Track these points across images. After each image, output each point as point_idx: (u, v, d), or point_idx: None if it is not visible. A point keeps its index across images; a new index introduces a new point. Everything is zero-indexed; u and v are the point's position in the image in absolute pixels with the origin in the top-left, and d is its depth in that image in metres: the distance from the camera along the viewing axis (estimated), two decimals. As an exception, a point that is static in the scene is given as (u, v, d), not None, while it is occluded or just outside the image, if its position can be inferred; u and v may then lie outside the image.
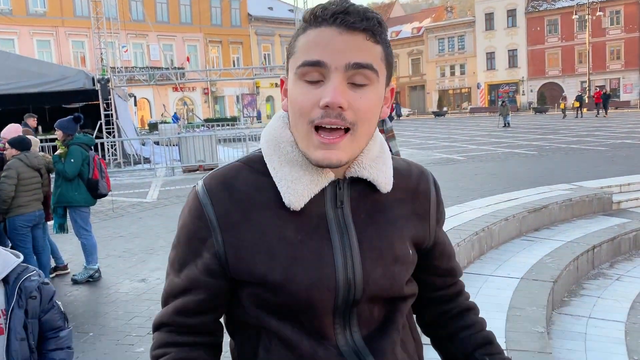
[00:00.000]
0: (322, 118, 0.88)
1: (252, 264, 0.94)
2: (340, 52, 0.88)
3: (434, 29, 59.12)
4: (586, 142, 17.26)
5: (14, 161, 5.07)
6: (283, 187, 0.95)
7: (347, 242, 0.96)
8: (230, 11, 46.65)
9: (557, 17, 51.71)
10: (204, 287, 0.98)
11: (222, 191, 0.97)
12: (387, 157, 1.04)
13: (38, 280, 2.07)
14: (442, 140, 21.88)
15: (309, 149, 0.91)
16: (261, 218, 0.95)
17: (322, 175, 0.96)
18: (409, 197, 1.06)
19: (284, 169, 0.96)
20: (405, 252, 1.02)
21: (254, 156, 1.02)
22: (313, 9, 0.91)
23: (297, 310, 0.95)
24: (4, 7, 36.44)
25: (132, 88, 26.06)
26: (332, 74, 0.88)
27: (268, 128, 1.03)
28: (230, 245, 0.95)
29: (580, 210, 7.23)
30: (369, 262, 0.96)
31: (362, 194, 1.00)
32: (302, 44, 0.91)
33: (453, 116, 50.02)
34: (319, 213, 0.96)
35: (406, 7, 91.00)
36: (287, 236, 0.94)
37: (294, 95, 0.92)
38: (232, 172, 0.99)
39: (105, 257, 6.33)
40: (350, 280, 0.95)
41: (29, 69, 15.61)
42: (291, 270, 0.93)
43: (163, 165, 15.64)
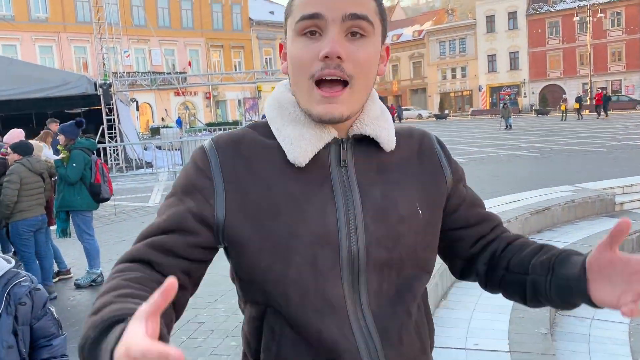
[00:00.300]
0: (322, 70, 0.90)
1: (256, 219, 0.93)
2: (336, 4, 0.90)
3: (435, 32, 59.18)
4: (588, 144, 17.23)
5: (17, 166, 5.08)
6: (287, 144, 0.96)
7: (350, 201, 0.96)
8: (231, 16, 46.78)
9: (558, 19, 51.74)
10: (188, 231, 0.92)
11: (229, 147, 0.98)
12: (388, 117, 1.05)
13: (29, 286, 1.99)
14: (444, 142, 21.84)
15: (311, 105, 0.93)
16: (266, 174, 0.96)
17: (325, 131, 0.96)
18: (413, 157, 1.06)
19: (287, 128, 0.98)
20: (412, 212, 1.00)
21: (259, 122, 1.04)
22: None
23: (303, 276, 0.92)
24: (6, 13, 36.59)
25: (134, 93, 26.12)
26: (329, 26, 0.90)
27: (272, 95, 1.05)
28: (234, 198, 0.94)
29: (583, 211, 7.21)
30: (371, 221, 0.96)
31: (366, 153, 1.01)
32: (298, 2, 0.94)
33: (454, 119, 50.00)
34: (324, 172, 0.97)
35: (407, 10, 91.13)
36: (291, 192, 0.94)
37: (294, 51, 0.94)
38: (239, 133, 1.01)
39: (108, 262, 6.32)
40: (352, 239, 0.94)
41: (32, 75, 15.67)
42: (295, 226, 0.93)
43: (165, 169, 15.67)
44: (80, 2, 38.33)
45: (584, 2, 48.34)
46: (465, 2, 73.92)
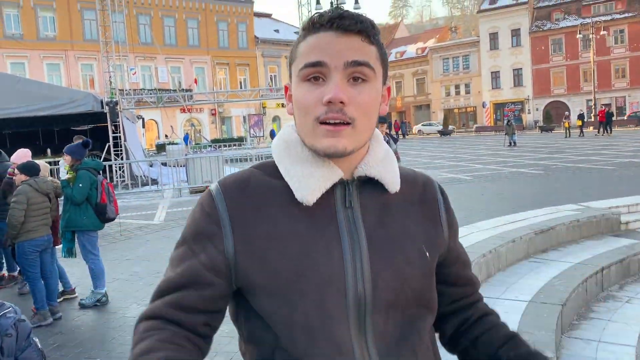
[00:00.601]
0: (326, 114, 0.94)
1: (264, 260, 0.95)
2: (339, 52, 0.94)
3: (438, 49, 59.52)
4: (593, 161, 17.21)
5: (24, 186, 5.12)
6: (295, 183, 0.98)
7: (356, 242, 0.97)
8: (237, 34, 47.26)
9: (561, 36, 51.98)
10: (204, 284, 0.96)
11: (236, 190, 1.00)
12: (392, 160, 1.08)
13: (14, 317, 1.97)
14: (449, 159, 21.88)
15: (316, 140, 0.96)
16: (273, 216, 0.98)
17: (333, 172, 0.99)
18: (416, 202, 1.08)
19: (295, 167, 1.00)
20: (418, 255, 1.02)
21: (266, 162, 1.07)
22: (311, 17, 0.99)
23: (310, 318, 0.94)
24: (15, 31, 37.10)
25: (140, 110, 26.31)
26: (332, 73, 0.94)
27: (278, 135, 1.09)
28: (242, 242, 0.96)
29: (588, 231, 7.18)
30: (378, 263, 0.97)
31: (371, 195, 1.03)
32: (303, 49, 0.98)
33: (459, 135, 50.06)
34: (330, 213, 0.99)
35: (410, 27, 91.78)
36: (298, 233, 0.96)
37: (299, 95, 0.98)
38: (246, 174, 1.03)
39: (113, 281, 6.34)
40: (358, 281, 0.96)
41: (39, 92, 15.83)
42: (302, 265, 0.94)
43: (170, 186, 15.72)
44: (87, 21, 38.84)
45: (587, 19, 48.60)
46: (468, 20, 74.13)
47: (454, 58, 58.53)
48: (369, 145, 1.05)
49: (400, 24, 75.80)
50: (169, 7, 43.45)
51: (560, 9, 53.10)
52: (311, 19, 0.99)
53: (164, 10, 43.23)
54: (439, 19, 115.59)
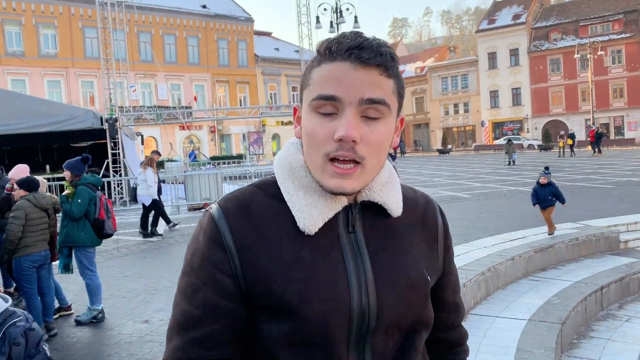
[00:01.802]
0: (337, 151, 0.91)
1: (268, 285, 0.93)
2: (354, 87, 0.90)
3: (437, 69, 59.96)
4: (592, 180, 17.23)
5: (22, 202, 5.11)
6: (297, 211, 0.96)
7: (361, 267, 0.96)
8: (237, 52, 47.60)
9: (559, 56, 52.42)
10: (223, 314, 0.95)
11: (238, 213, 0.97)
12: (396, 183, 1.06)
13: (24, 325, 2.00)
14: (447, 177, 21.90)
15: (324, 178, 0.94)
16: (276, 240, 0.95)
17: (336, 200, 0.97)
18: (418, 224, 1.07)
19: (298, 193, 0.98)
20: (421, 278, 1.02)
21: (267, 180, 1.04)
22: (328, 43, 0.94)
23: (312, 340, 0.93)
24: (17, 48, 37.35)
25: (140, 127, 26.38)
26: (346, 108, 0.91)
27: (281, 154, 1.05)
28: (248, 267, 0.94)
29: (587, 249, 7.18)
30: (383, 288, 0.97)
31: (374, 219, 1.02)
32: (316, 77, 0.94)
33: (458, 154, 50.19)
34: (333, 237, 0.97)
35: (410, 47, 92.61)
36: (302, 258, 0.94)
37: (309, 126, 0.95)
38: (247, 195, 1.00)
39: (109, 298, 6.30)
40: (364, 306, 0.95)
41: (39, 109, 15.89)
42: (306, 292, 0.93)
43: (168, 203, 15.68)
44: (89, 39, 39.11)
45: (585, 39, 49.06)
46: (467, 39, 74.78)
47: (452, 77, 58.93)
48: None
49: (400, 44, 76.47)
50: (170, 25, 43.82)
51: (557, 29, 53.64)
52: (328, 45, 0.94)
53: (165, 28, 43.59)
54: (438, 38, 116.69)
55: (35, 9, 37.88)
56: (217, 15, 46.38)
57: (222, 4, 48.25)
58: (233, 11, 48.20)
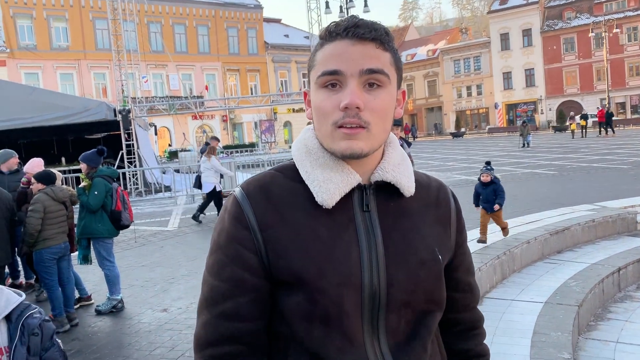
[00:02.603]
0: (344, 118, 0.98)
1: (289, 261, 0.99)
2: (354, 61, 0.98)
3: (449, 51, 59.34)
4: (608, 161, 17.03)
5: (40, 195, 5.19)
6: (316, 187, 1.03)
7: (373, 244, 1.02)
8: (247, 40, 47.49)
9: (573, 35, 51.57)
10: (251, 288, 1.01)
11: (260, 194, 1.04)
12: (408, 165, 1.13)
13: (40, 317, 2.08)
14: (461, 161, 21.77)
15: (334, 143, 1.01)
16: (295, 218, 1.02)
17: (351, 176, 1.03)
18: (431, 205, 1.13)
19: (315, 171, 1.04)
20: (431, 257, 1.07)
21: (286, 165, 1.11)
22: (327, 27, 1.03)
23: (328, 314, 0.98)
24: (29, 42, 37.64)
25: (153, 117, 26.53)
26: (348, 80, 0.98)
27: (298, 139, 1.13)
28: (269, 244, 1.01)
29: (603, 231, 7.12)
30: (393, 264, 1.02)
31: (388, 199, 1.07)
32: (320, 57, 1.02)
33: (471, 136, 49.80)
34: (348, 215, 1.03)
35: (421, 29, 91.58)
36: (319, 235, 1.01)
37: (317, 101, 1.02)
38: (268, 178, 1.07)
39: (128, 287, 6.39)
40: (374, 281, 1.00)
41: (53, 102, 16.02)
42: (323, 267, 0.98)
43: (183, 192, 15.81)
44: (99, 31, 39.29)
45: (599, 17, 48.18)
46: (478, 21, 73.75)
47: (465, 59, 58.31)
48: (384, 151, 1.09)
49: (410, 27, 75.65)
50: (179, 14, 43.82)
51: (571, 8, 52.70)
52: (327, 28, 1.02)
53: (175, 18, 43.60)
54: (449, 20, 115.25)
55: (45, 2, 38.09)
56: (226, 4, 46.24)
57: (230, -9, 48.06)
58: (242, -2, 48.00)
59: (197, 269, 6.91)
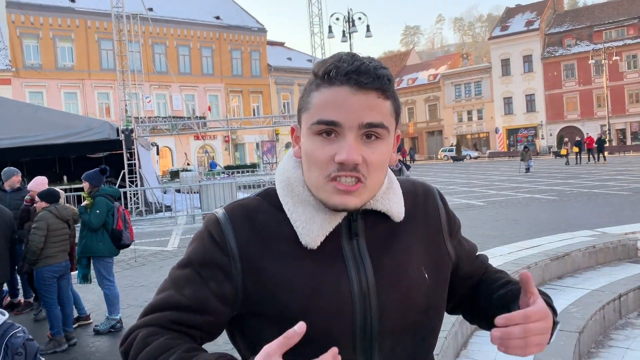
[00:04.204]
0: (338, 172, 0.93)
1: (272, 295, 0.96)
2: (354, 112, 0.92)
3: (450, 76, 59.85)
4: (608, 187, 17.05)
5: (44, 213, 5.21)
6: (299, 227, 0.98)
7: (362, 271, 0.98)
8: (250, 62, 47.97)
9: (573, 62, 52.05)
10: (210, 311, 0.97)
11: (243, 220, 1.00)
12: (396, 187, 1.08)
13: (23, 336, 2.06)
14: (462, 185, 21.80)
15: (325, 196, 0.95)
16: (280, 250, 0.98)
17: (335, 214, 0.99)
18: (420, 216, 1.09)
19: (297, 209, 1.00)
20: (419, 278, 1.03)
21: (271, 191, 1.06)
22: (326, 67, 0.94)
23: (317, 345, 0.90)
24: (35, 61, 38.03)
25: (155, 137, 26.67)
26: (346, 132, 0.92)
27: (281, 167, 1.07)
28: (250, 275, 0.97)
29: (604, 257, 7.10)
30: (384, 290, 0.98)
31: (376, 224, 1.03)
32: (316, 102, 0.95)
33: (472, 160, 49.91)
34: (335, 246, 0.99)
35: (422, 54, 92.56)
36: (305, 268, 0.97)
37: (309, 148, 0.96)
38: (253, 204, 1.03)
39: (127, 307, 6.37)
40: (367, 310, 0.97)
41: (57, 121, 16.14)
42: (310, 302, 0.95)
43: (184, 212, 15.82)
44: (104, 51, 39.73)
45: (599, 45, 48.69)
46: (479, 46, 74.37)
47: (465, 84, 58.77)
48: None
49: (412, 51, 76.47)
50: (184, 36, 44.34)
51: (571, 35, 53.30)
52: (326, 70, 0.94)
53: (179, 39, 44.11)
54: (450, 45, 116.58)
55: (52, 23, 38.60)
56: (230, 26, 46.83)
57: (235, 14, 48.72)
58: (246, 22, 48.63)
59: (196, 290, 6.88)
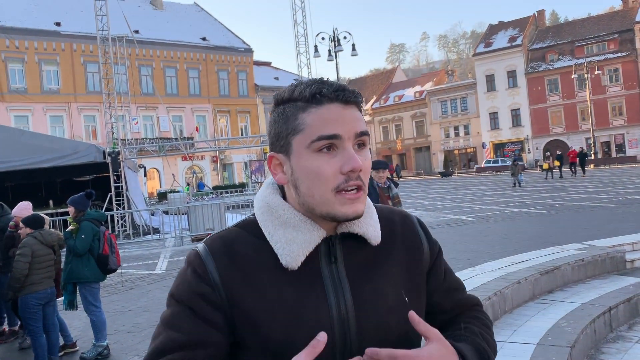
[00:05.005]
0: (347, 182, 0.98)
1: (253, 325, 0.98)
2: (349, 124, 1.00)
3: (436, 92, 60.46)
4: (595, 199, 17.20)
5: (29, 239, 5.14)
6: (279, 249, 1.01)
7: (342, 298, 1.01)
8: (237, 82, 48.13)
9: (556, 76, 52.87)
10: (209, 342, 0.98)
11: (223, 252, 1.02)
12: (372, 211, 1.12)
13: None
14: (450, 200, 21.88)
15: (334, 208, 0.99)
16: (260, 279, 1.00)
17: (315, 234, 1.02)
18: (398, 243, 1.12)
19: (278, 232, 1.03)
20: (399, 302, 1.06)
21: (249, 221, 1.09)
22: (311, 89, 1.01)
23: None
24: (20, 85, 37.85)
25: (142, 159, 26.54)
26: (345, 143, 0.99)
27: (259, 196, 1.10)
28: (233, 304, 0.99)
29: (593, 270, 7.13)
30: (363, 315, 1.01)
31: (354, 248, 1.06)
32: (311, 121, 0.99)
33: (460, 176, 50.22)
34: (314, 271, 1.02)
35: (408, 72, 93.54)
36: (285, 296, 0.99)
37: (312, 166, 0.99)
38: (232, 235, 1.06)
39: (114, 333, 6.26)
40: (346, 336, 1.00)
41: (42, 145, 16.03)
42: (291, 330, 0.97)
43: (172, 235, 15.69)
44: (90, 74, 39.64)
45: (581, 59, 49.54)
46: (464, 63, 75.31)
47: (451, 100, 59.38)
48: None
49: (398, 69, 77.21)
50: (170, 58, 44.43)
51: (554, 50, 54.21)
52: (312, 91, 1.00)
53: (166, 61, 44.19)
54: (436, 62, 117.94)
55: (37, 47, 38.51)
56: (216, 47, 47.04)
57: (221, 35, 48.99)
58: (232, 42, 48.89)
59: (185, 313, 6.80)
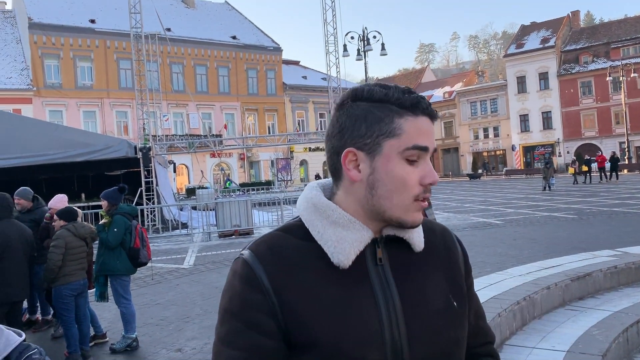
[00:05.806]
0: (424, 193, 1.03)
1: (304, 325, 0.98)
2: (433, 140, 1.05)
3: (465, 93, 59.76)
4: (629, 205, 16.78)
5: (62, 231, 5.26)
6: (330, 247, 1.01)
7: (390, 298, 1.02)
8: (266, 81, 48.43)
9: (590, 79, 51.70)
10: (269, 354, 0.98)
11: (270, 255, 1.02)
12: None
13: (39, 358, 2.09)
14: (479, 203, 21.61)
15: (408, 215, 1.03)
16: (307, 280, 1.00)
17: (364, 234, 1.03)
18: (440, 252, 1.14)
19: (327, 231, 1.03)
20: (447, 306, 1.07)
21: (291, 224, 1.09)
22: (410, 98, 1.02)
23: None
24: (55, 81, 38.80)
25: (172, 155, 26.92)
26: (427, 157, 1.04)
27: (305, 197, 1.10)
28: (284, 307, 0.99)
29: (627, 278, 6.95)
30: (412, 317, 1.02)
31: (399, 251, 1.08)
32: (408, 128, 1.01)
33: (488, 178, 49.56)
34: (362, 271, 1.02)
35: (437, 72, 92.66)
36: (334, 295, 0.99)
37: (401, 172, 1.01)
38: (275, 239, 1.06)
39: (143, 326, 6.37)
40: (395, 337, 1.00)
41: (76, 139, 16.38)
42: (341, 330, 0.97)
43: (200, 230, 15.87)
44: (123, 70, 40.42)
45: (617, 62, 48.34)
46: (495, 64, 74.27)
47: (481, 101, 58.61)
48: None
49: (427, 69, 76.62)
50: (201, 56, 44.98)
51: (588, 52, 53.02)
52: (413, 100, 1.02)
53: (196, 59, 44.75)
54: (466, 63, 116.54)
55: (73, 43, 39.44)
56: (246, 46, 47.42)
57: (251, 34, 49.36)
58: (262, 41, 49.21)
59: (212, 308, 6.87)
